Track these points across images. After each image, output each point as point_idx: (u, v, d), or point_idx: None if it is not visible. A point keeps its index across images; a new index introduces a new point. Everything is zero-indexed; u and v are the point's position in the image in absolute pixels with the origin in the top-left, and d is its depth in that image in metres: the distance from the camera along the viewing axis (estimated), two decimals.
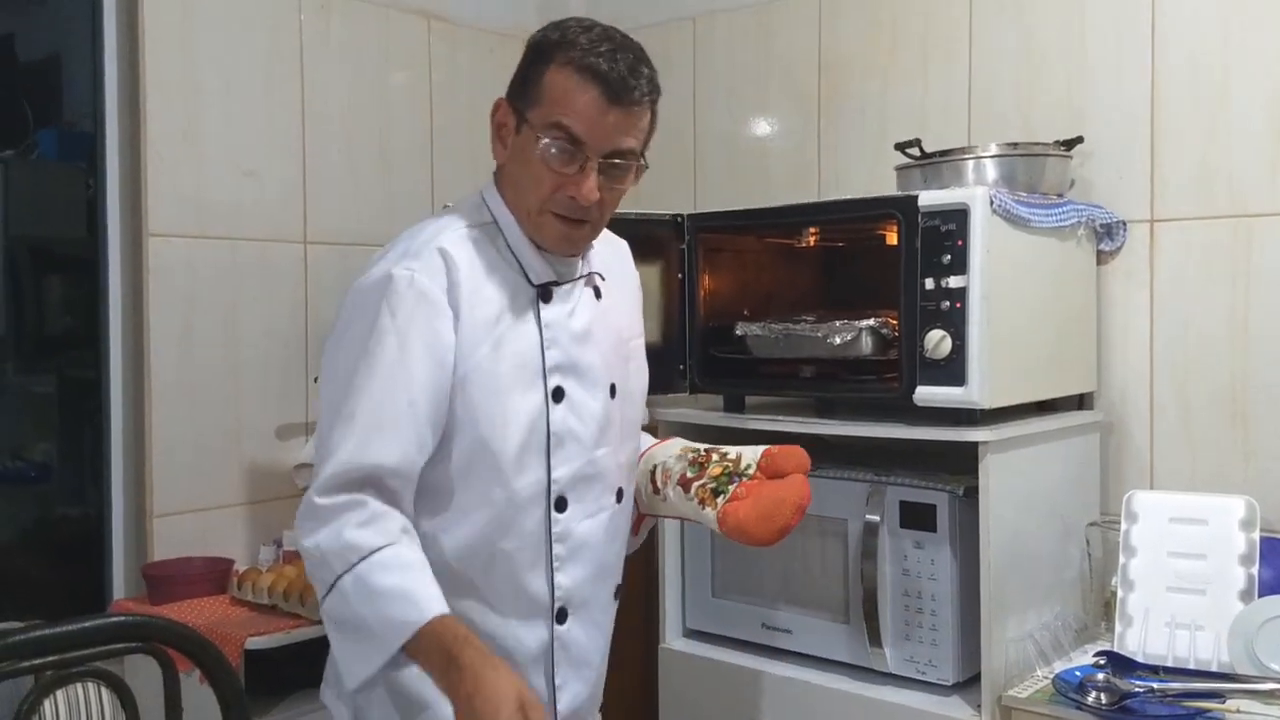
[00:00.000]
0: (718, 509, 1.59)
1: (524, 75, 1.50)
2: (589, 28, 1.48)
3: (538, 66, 1.47)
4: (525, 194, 1.50)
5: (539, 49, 1.49)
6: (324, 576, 1.37)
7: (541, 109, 1.46)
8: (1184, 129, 2.22)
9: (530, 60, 1.50)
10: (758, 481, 1.61)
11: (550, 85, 1.45)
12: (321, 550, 1.37)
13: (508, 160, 1.53)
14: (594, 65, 1.43)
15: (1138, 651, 1.94)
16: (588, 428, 1.55)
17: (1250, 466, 2.14)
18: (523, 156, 1.49)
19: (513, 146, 1.51)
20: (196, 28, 2.60)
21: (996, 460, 1.92)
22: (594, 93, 1.44)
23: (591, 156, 1.45)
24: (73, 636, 1.22)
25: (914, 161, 2.21)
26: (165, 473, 2.55)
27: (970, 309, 1.91)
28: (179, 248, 2.57)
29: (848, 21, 2.71)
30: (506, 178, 1.54)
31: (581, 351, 1.55)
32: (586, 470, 1.55)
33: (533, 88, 1.47)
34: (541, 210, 1.49)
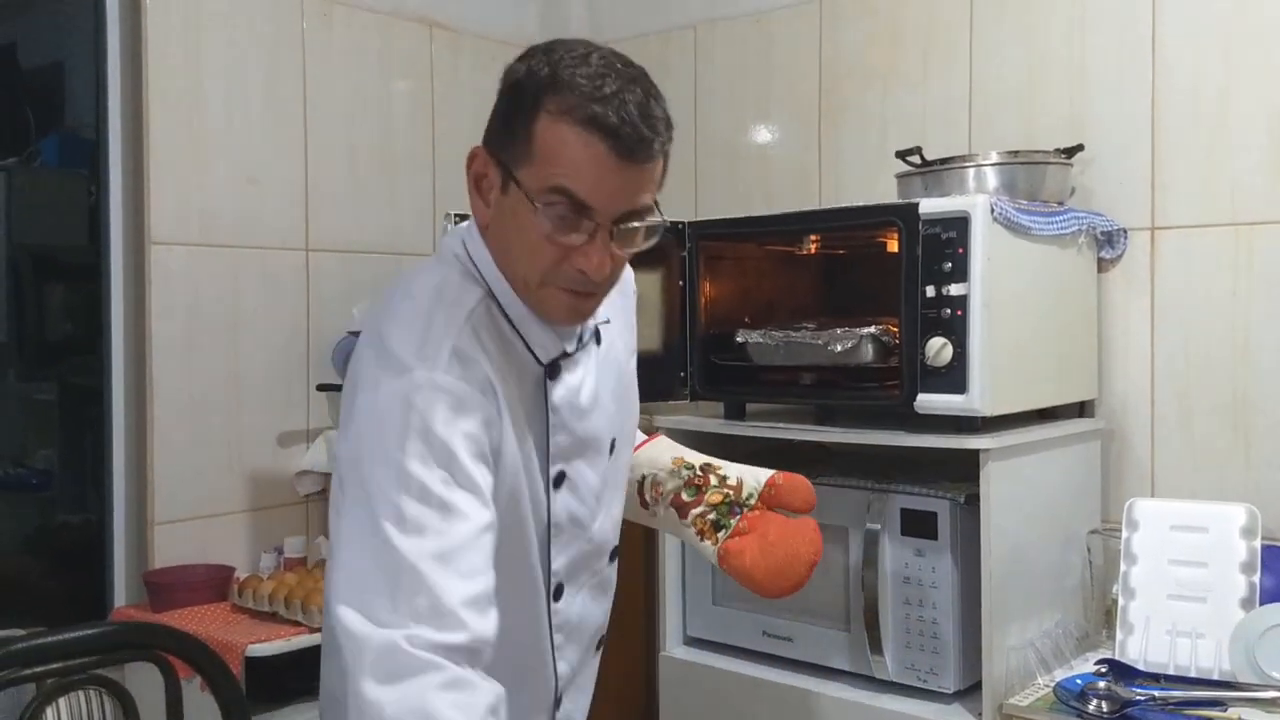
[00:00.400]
0: (718, 544, 1.50)
1: (508, 122, 1.24)
2: (583, 57, 1.22)
3: (526, 113, 1.21)
4: (520, 264, 1.26)
5: (525, 90, 1.22)
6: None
7: (534, 168, 1.21)
8: (1185, 136, 2.22)
9: (514, 104, 1.23)
10: (759, 514, 1.51)
11: (544, 139, 1.20)
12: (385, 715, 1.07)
13: (492, 220, 1.28)
14: (599, 116, 1.18)
15: (1139, 659, 1.94)
16: (587, 505, 1.39)
17: (1251, 474, 2.14)
18: (514, 222, 1.24)
19: (498, 206, 1.27)
20: (199, 35, 2.60)
21: (998, 468, 1.92)
22: (601, 149, 1.18)
23: (601, 223, 1.22)
24: (75, 644, 1.22)
25: (915, 169, 2.21)
26: (166, 480, 2.55)
27: (971, 316, 1.91)
28: (181, 255, 2.58)
29: (848, 29, 2.71)
30: (494, 240, 1.29)
31: (586, 425, 1.37)
32: (585, 549, 1.40)
33: (521, 140, 1.21)
34: (543, 284, 1.26)
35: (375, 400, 1.19)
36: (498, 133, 1.26)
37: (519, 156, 1.22)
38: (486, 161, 1.27)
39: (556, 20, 3.26)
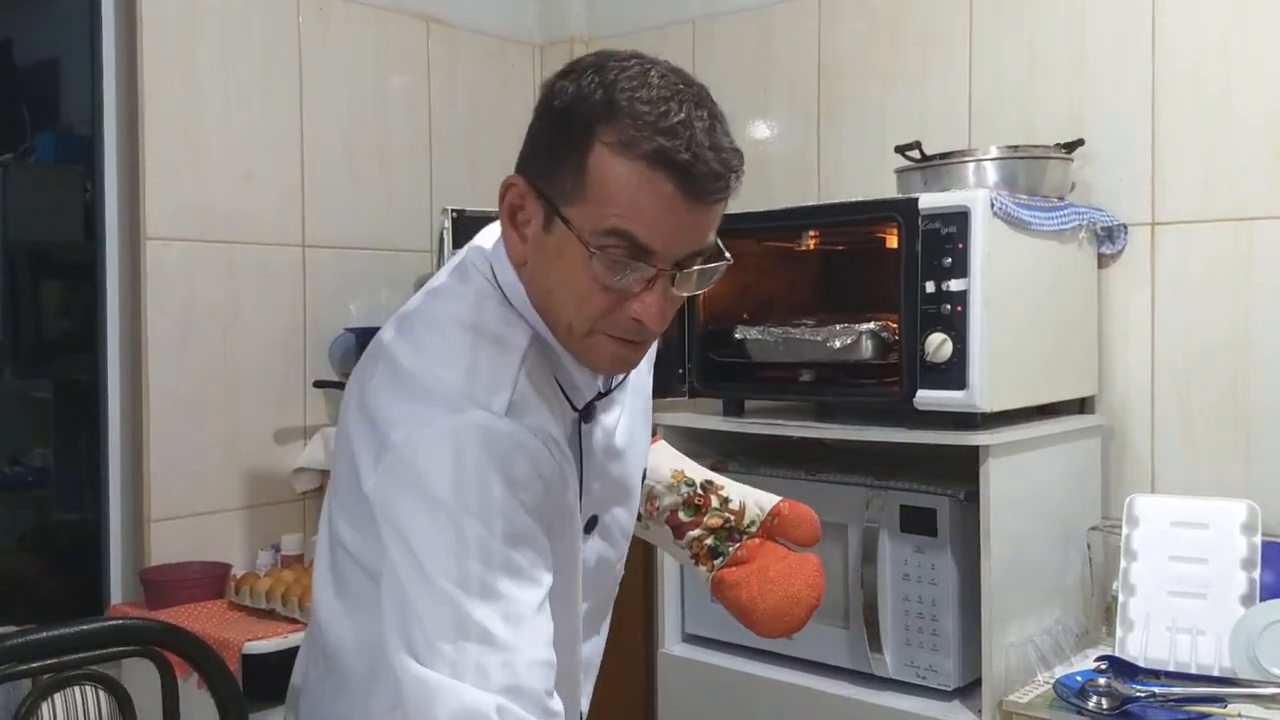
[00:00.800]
0: (714, 570, 1.41)
1: (554, 152, 1.07)
2: (642, 76, 1.05)
3: (578, 143, 1.05)
4: (565, 310, 1.12)
5: (575, 116, 1.05)
6: None
7: (587, 206, 1.05)
8: (1185, 131, 2.22)
9: (562, 131, 1.07)
10: (760, 543, 1.42)
11: (600, 175, 1.04)
12: None
13: (531, 257, 1.12)
14: (666, 151, 1.02)
15: (1139, 656, 1.94)
16: (617, 548, 1.31)
17: (1252, 470, 2.14)
18: (559, 264, 1.09)
19: (538, 244, 1.11)
20: (195, 31, 2.59)
21: (997, 464, 1.92)
22: (668, 189, 1.03)
23: (663, 268, 1.07)
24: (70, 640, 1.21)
25: (914, 164, 2.20)
26: (163, 477, 2.54)
27: (971, 312, 1.91)
28: (177, 251, 2.57)
29: (847, 24, 2.71)
30: (532, 279, 1.14)
31: (621, 466, 1.28)
32: (607, 591, 1.35)
33: (570, 173, 1.05)
34: (591, 332, 1.12)
35: (424, 437, 1.07)
36: (540, 163, 1.09)
37: (568, 192, 1.06)
38: (525, 193, 1.11)
39: (554, 16, 3.26)
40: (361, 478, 1.11)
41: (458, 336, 1.13)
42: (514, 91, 3.23)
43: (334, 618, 1.22)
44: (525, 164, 1.12)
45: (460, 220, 2.58)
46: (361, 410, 1.14)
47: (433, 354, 1.12)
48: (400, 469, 1.07)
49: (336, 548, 1.20)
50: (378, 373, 1.14)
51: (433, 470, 1.05)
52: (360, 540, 1.16)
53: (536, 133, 1.11)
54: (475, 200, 2.81)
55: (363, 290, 2.92)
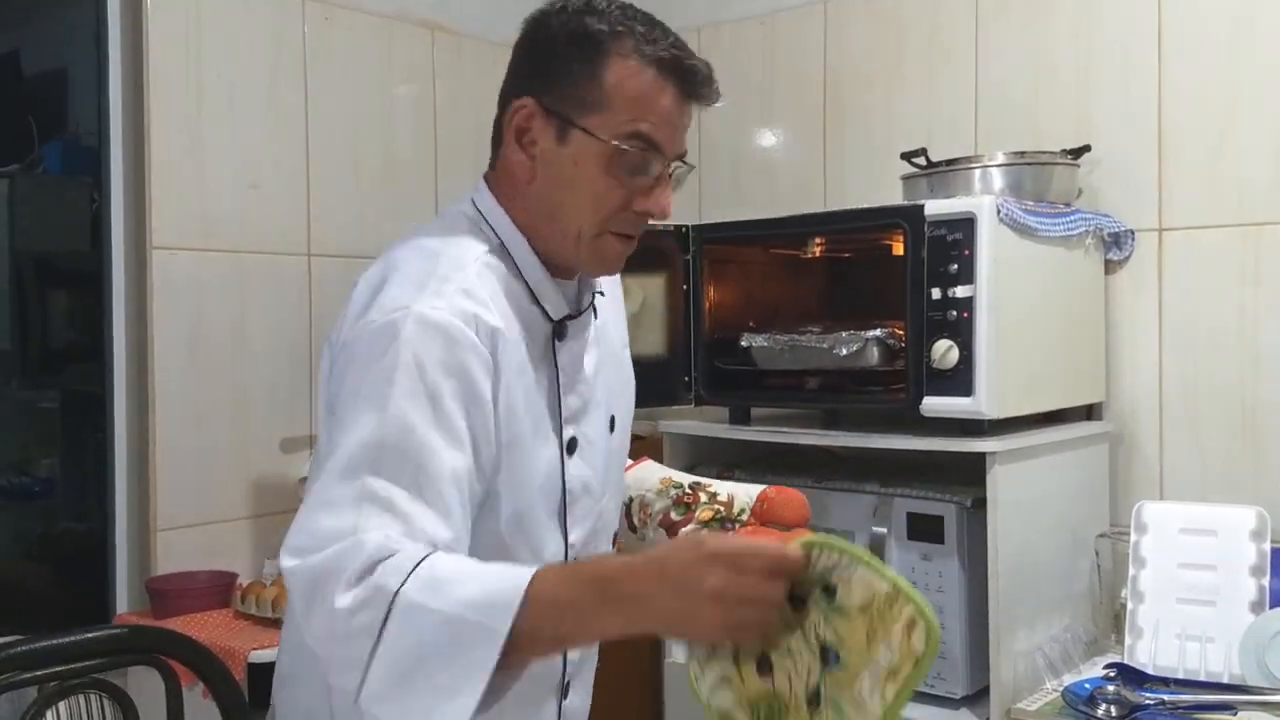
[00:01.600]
0: None
1: (568, 72, 1.23)
2: (622, 7, 1.26)
3: (592, 61, 1.22)
4: (576, 214, 1.25)
5: (588, 39, 1.22)
6: (369, 620, 1.01)
7: (609, 114, 1.22)
8: (1191, 137, 2.21)
9: (575, 52, 1.23)
10: (752, 530, 1.42)
11: (620, 84, 1.21)
12: (357, 599, 1.02)
13: (540, 174, 1.26)
14: (677, 60, 1.23)
15: (1148, 664, 1.93)
16: (597, 475, 1.35)
17: (1260, 477, 2.13)
18: (575, 171, 1.24)
19: (550, 158, 1.25)
20: (201, 41, 2.60)
21: (1004, 471, 1.91)
22: (675, 91, 1.23)
23: (668, 163, 1.26)
24: (76, 648, 1.21)
25: (920, 171, 2.20)
26: (169, 486, 2.54)
27: (977, 319, 1.90)
28: (183, 261, 2.57)
29: (853, 31, 2.71)
30: (539, 194, 1.27)
31: (591, 390, 1.36)
32: (596, 526, 1.36)
33: (588, 87, 1.22)
34: (600, 232, 1.26)
35: (365, 330, 1.17)
36: (549, 83, 1.24)
37: (586, 105, 1.22)
38: (533, 114, 1.25)
39: None
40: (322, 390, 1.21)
41: (421, 251, 1.24)
42: None
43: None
44: (528, 87, 1.25)
45: None
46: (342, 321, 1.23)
47: (399, 271, 1.22)
48: (342, 362, 1.17)
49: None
50: (350, 299, 1.24)
51: (368, 360, 1.14)
52: None
53: (539, 57, 1.25)
54: None
55: None
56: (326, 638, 1.04)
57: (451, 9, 3.12)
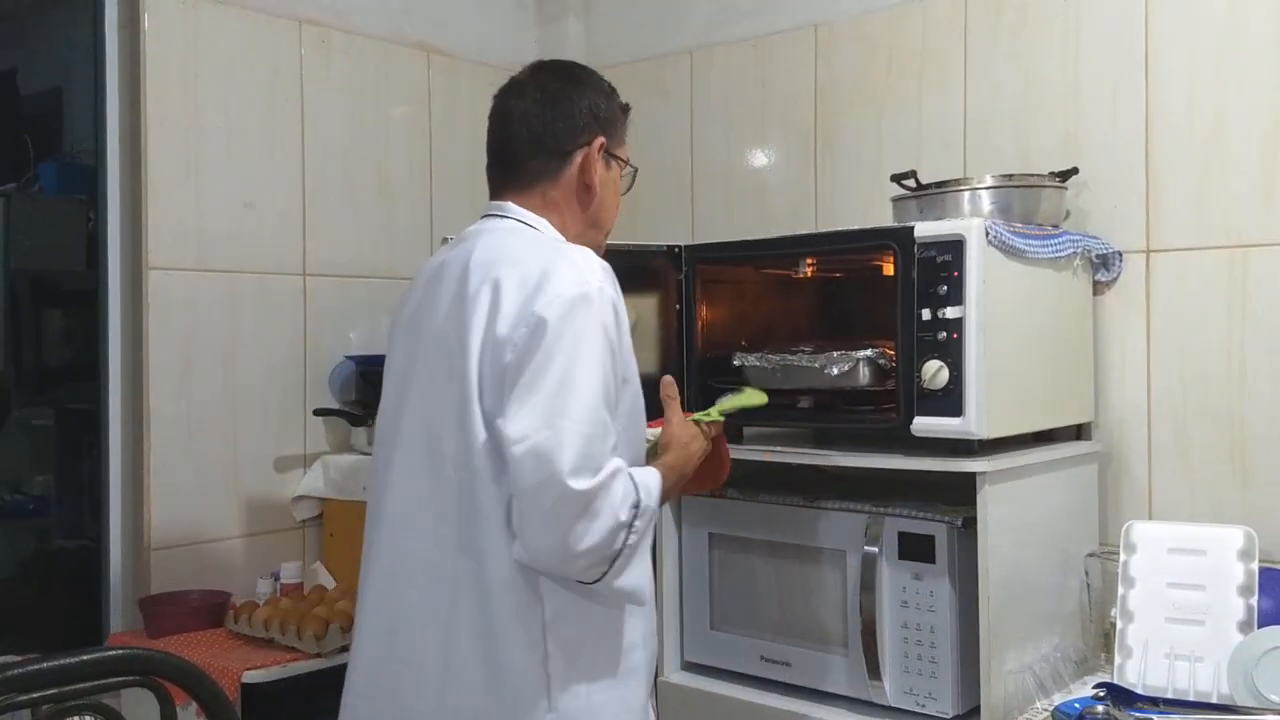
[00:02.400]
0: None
1: (615, 120, 1.73)
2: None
3: (618, 113, 1.74)
4: (606, 221, 1.74)
5: (615, 98, 1.74)
6: (637, 524, 1.50)
7: (623, 145, 1.75)
8: (1178, 159, 2.23)
9: (614, 107, 1.73)
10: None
11: (623, 125, 1.75)
12: (629, 514, 1.48)
13: (599, 193, 1.70)
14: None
15: (1137, 683, 1.94)
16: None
17: (1248, 497, 2.14)
18: (614, 187, 1.74)
19: (604, 181, 1.70)
20: (197, 61, 2.62)
21: (995, 491, 1.92)
22: None
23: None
24: (70, 670, 1.21)
25: (910, 193, 2.22)
26: (163, 505, 2.55)
27: (967, 339, 1.92)
28: (179, 280, 2.58)
29: (844, 54, 2.73)
30: (597, 209, 1.71)
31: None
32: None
33: (620, 130, 1.74)
34: (608, 233, 1.76)
35: (562, 304, 1.49)
36: (611, 129, 1.72)
37: (620, 141, 1.74)
38: (600, 149, 1.69)
39: (554, 46, 3.28)
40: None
41: (557, 249, 1.59)
42: None
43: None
44: (592, 131, 1.69)
45: None
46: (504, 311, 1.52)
47: (557, 264, 1.54)
48: (549, 332, 1.48)
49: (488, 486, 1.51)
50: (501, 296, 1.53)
51: (576, 323, 1.49)
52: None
53: (599, 107, 1.70)
54: None
55: (363, 318, 2.94)
56: (603, 539, 1.45)
57: (447, 32, 3.14)
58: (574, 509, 1.43)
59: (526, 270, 1.53)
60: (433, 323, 1.61)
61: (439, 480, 1.56)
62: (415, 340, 1.65)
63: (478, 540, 1.52)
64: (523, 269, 1.54)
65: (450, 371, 1.55)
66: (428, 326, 1.63)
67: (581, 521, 1.43)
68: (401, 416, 1.63)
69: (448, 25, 3.14)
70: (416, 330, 1.65)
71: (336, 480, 2.76)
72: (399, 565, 1.61)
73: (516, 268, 1.54)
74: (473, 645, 1.53)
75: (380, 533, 1.65)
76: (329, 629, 2.28)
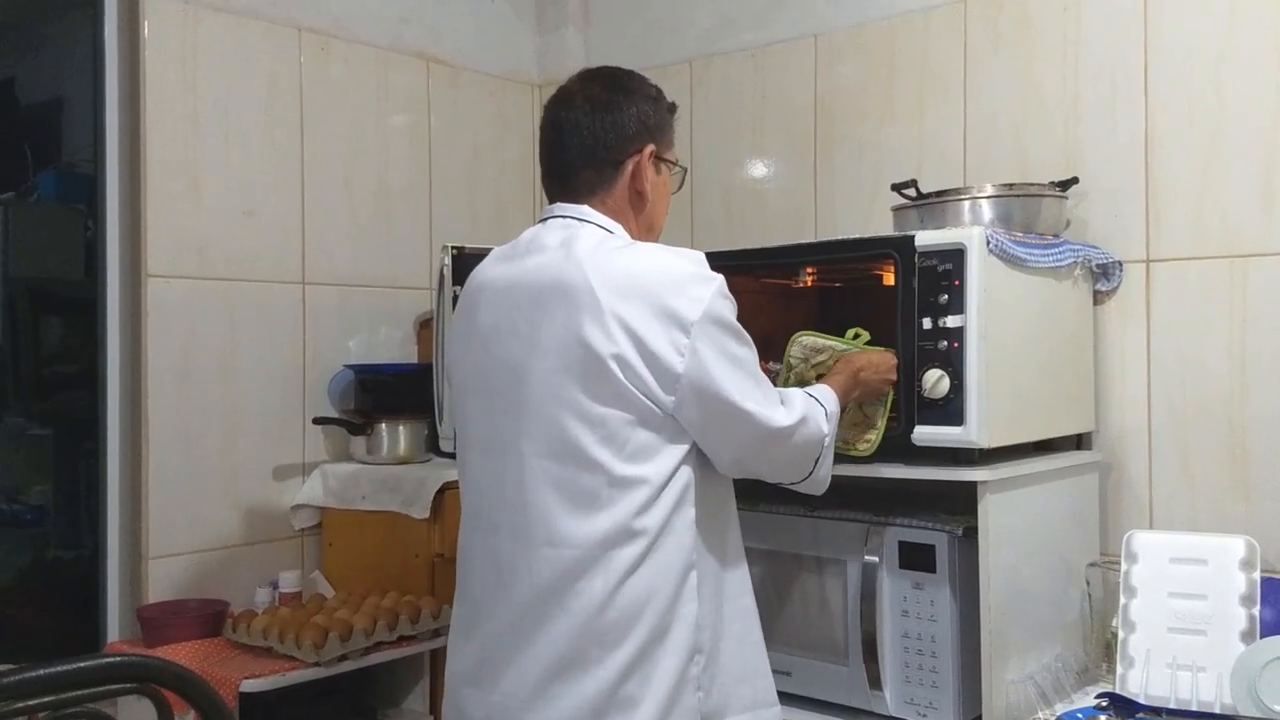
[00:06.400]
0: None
1: (663, 125, 1.76)
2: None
3: (666, 113, 1.78)
4: (659, 224, 1.80)
5: (660, 98, 1.77)
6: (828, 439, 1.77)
7: (671, 148, 1.79)
8: (1178, 169, 2.23)
9: (662, 111, 1.77)
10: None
11: (671, 127, 1.79)
12: (824, 433, 1.76)
13: (650, 196, 1.74)
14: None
15: (1140, 693, 1.93)
16: None
17: (1250, 506, 2.14)
18: (664, 190, 1.79)
19: (655, 185, 1.75)
20: (197, 70, 2.62)
21: (995, 500, 1.92)
22: None
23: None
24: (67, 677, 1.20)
25: (910, 202, 2.22)
26: (161, 514, 2.54)
27: (968, 348, 1.91)
28: (178, 288, 2.58)
29: (844, 64, 2.73)
30: (651, 212, 1.77)
31: None
32: None
33: (667, 132, 1.77)
34: (660, 233, 1.82)
35: (708, 299, 1.59)
36: (660, 135, 1.75)
37: (669, 146, 1.78)
38: (651, 155, 1.73)
39: (554, 56, 3.29)
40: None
41: (669, 249, 1.65)
42: (513, 130, 3.26)
43: (661, 553, 1.59)
44: (649, 139, 1.73)
45: (460, 258, 2.58)
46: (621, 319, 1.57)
47: (681, 263, 1.63)
48: (713, 327, 1.60)
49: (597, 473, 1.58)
50: (614, 290, 1.58)
51: (728, 330, 1.63)
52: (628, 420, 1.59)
53: (655, 118, 1.74)
54: (475, 238, 2.83)
55: (362, 327, 2.93)
56: (809, 449, 1.74)
57: (446, 41, 3.14)
58: (789, 435, 1.71)
59: (671, 270, 1.63)
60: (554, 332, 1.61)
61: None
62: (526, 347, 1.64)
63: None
64: (660, 269, 1.64)
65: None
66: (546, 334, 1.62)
67: (804, 438, 1.74)
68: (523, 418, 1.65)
69: (447, 34, 3.15)
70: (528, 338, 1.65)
71: (335, 489, 2.75)
72: None
73: (648, 270, 1.62)
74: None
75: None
76: (328, 638, 2.27)
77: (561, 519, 1.59)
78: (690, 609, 1.60)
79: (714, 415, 1.61)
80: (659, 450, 1.59)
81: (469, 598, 1.72)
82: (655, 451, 1.59)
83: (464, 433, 1.76)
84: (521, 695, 1.59)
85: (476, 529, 1.71)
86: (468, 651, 1.69)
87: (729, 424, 1.62)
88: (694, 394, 1.58)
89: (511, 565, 1.63)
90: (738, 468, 1.70)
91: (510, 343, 1.65)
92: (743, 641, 1.69)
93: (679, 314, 1.57)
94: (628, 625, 1.56)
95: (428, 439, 2.80)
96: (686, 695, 1.59)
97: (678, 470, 1.61)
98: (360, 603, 2.49)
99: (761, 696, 1.71)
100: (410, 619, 2.43)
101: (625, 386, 1.56)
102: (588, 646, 1.56)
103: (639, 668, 1.56)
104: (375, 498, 2.66)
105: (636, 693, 1.55)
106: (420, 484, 2.58)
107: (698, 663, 1.61)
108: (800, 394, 1.76)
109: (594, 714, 1.55)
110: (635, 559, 1.57)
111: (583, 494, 1.58)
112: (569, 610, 1.57)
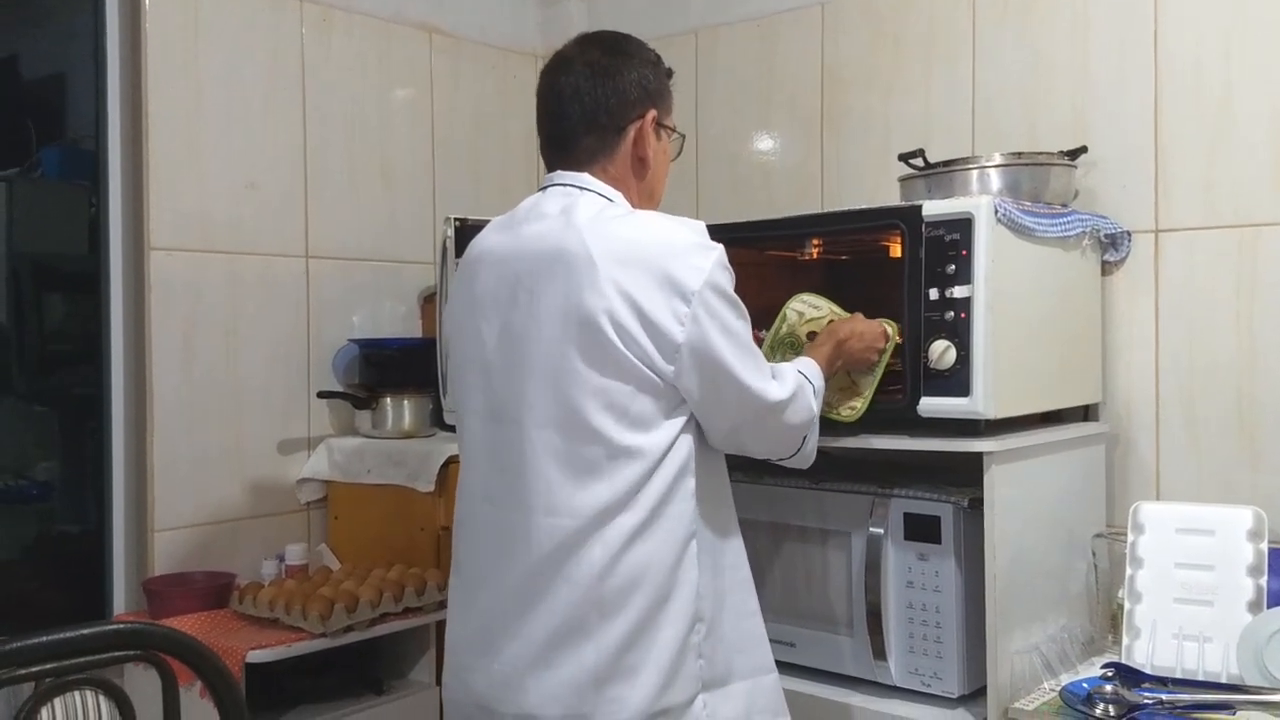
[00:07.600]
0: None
1: (662, 89, 1.74)
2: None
3: (665, 78, 1.75)
4: (659, 191, 1.78)
5: (659, 63, 1.75)
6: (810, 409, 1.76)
7: (671, 114, 1.77)
8: (1187, 139, 2.22)
9: (660, 73, 1.74)
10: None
11: (669, 92, 1.76)
12: (813, 411, 1.77)
13: (651, 162, 1.72)
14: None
15: (1146, 663, 1.93)
16: None
17: (1257, 476, 2.13)
18: (664, 156, 1.76)
19: (656, 151, 1.73)
20: (199, 44, 2.61)
21: (1001, 471, 1.91)
22: None
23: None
24: (71, 644, 1.20)
25: (918, 172, 2.20)
26: (166, 488, 2.55)
27: (975, 319, 1.90)
28: (181, 263, 2.57)
29: (850, 33, 2.71)
30: (652, 178, 1.75)
31: None
32: None
33: (667, 97, 1.75)
34: (660, 201, 1.80)
35: (710, 269, 1.58)
36: (661, 100, 1.73)
37: (669, 112, 1.76)
38: (652, 122, 1.71)
39: (557, 27, 3.27)
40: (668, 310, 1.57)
41: (672, 218, 1.65)
42: (516, 102, 3.24)
43: (660, 522, 1.59)
44: (651, 105, 1.70)
45: (463, 230, 2.57)
46: (616, 287, 1.55)
47: (685, 231, 1.62)
48: (713, 296, 1.59)
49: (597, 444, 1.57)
50: (611, 256, 1.56)
51: (728, 297, 1.62)
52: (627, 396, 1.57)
53: (649, 79, 1.71)
54: (478, 210, 2.82)
55: (366, 301, 2.93)
56: (800, 426, 1.74)
57: (448, 13, 3.12)
58: (781, 408, 1.71)
59: (670, 239, 1.62)
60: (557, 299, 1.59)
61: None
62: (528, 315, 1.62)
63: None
64: (659, 238, 1.63)
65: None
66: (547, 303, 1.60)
67: (794, 410, 1.73)
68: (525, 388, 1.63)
69: (449, 6, 3.13)
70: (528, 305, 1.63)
71: (341, 463, 2.76)
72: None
73: (651, 240, 1.61)
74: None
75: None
76: (334, 609, 2.27)
77: (562, 488, 1.57)
78: (691, 577, 1.60)
79: (712, 385, 1.60)
80: (659, 420, 1.58)
81: (469, 568, 1.71)
82: (655, 421, 1.58)
83: (463, 402, 1.74)
84: (523, 664, 1.59)
85: (476, 499, 1.70)
86: (469, 621, 1.69)
87: (726, 394, 1.61)
88: (694, 363, 1.57)
89: (512, 535, 1.62)
90: (732, 440, 1.69)
91: (509, 312, 1.64)
92: (741, 612, 1.69)
93: (680, 283, 1.56)
94: (628, 593, 1.55)
95: (432, 413, 2.80)
96: (688, 663, 1.59)
97: (677, 440, 1.60)
98: (366, 575, 2.49)
99: (760, 663, 1.71)
100: (416, 591, 2.44)
101: (625, 355, 1.54)
102: (588, 615, 1.56)
103: (641, 636, 1.55)
104: (380, 471, 2.66)
105: (638, 660, 1.55)
106: (425, 458, 2.58)
107: (698, 631, 1.60)
108: (790, 369, 1.75)
109: (596, 682, 1.55)
110: (635, 528, 1.56)
111: (583, 463, 1.57)
112: (570, 579, 1.56)
